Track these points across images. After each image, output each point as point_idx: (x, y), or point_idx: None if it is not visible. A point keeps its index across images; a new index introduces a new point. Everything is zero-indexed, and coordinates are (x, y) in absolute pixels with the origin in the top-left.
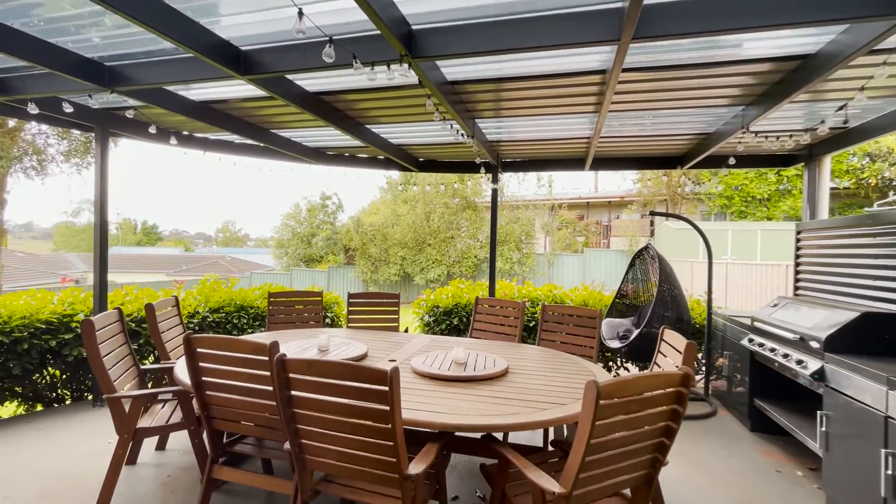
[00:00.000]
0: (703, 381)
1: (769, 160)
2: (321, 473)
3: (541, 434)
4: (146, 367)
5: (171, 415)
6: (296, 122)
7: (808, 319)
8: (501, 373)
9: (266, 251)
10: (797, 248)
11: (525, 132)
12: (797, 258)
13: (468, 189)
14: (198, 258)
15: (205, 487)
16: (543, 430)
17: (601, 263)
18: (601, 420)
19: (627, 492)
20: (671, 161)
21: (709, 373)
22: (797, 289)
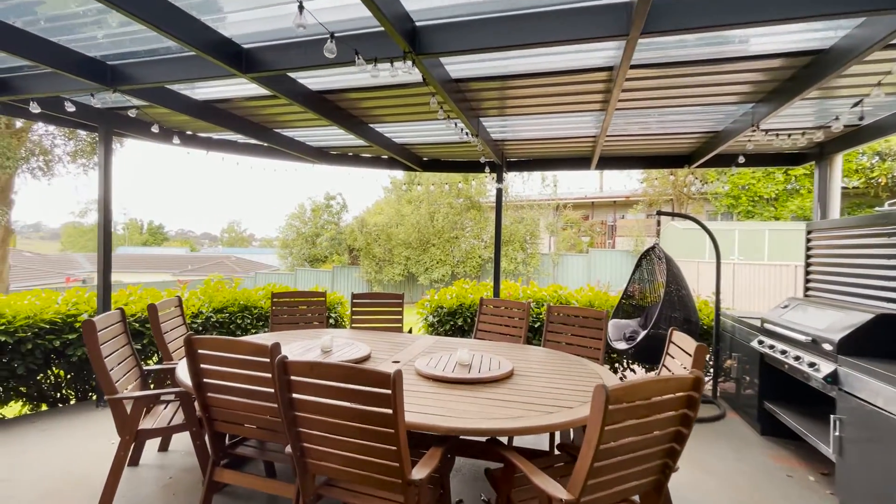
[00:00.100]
0: (712, 383)
1: (779, 159)
2: (323, 477)
3: (546, 436)
4: (148, 368)
5: (174, 416)
6: (299, 122)
7: (821, 321)
8: (506, 375)
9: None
10: (808, 249)
11: (530, 131)
12: (808, 258)
13: (472, 189)
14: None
15: (206, 490)
16: (549, 434)
17: (606, 264)
18: (610, 425)
19: (636, 498)
20: (678, 160)
21: (717, 375)
22: (808, 289)
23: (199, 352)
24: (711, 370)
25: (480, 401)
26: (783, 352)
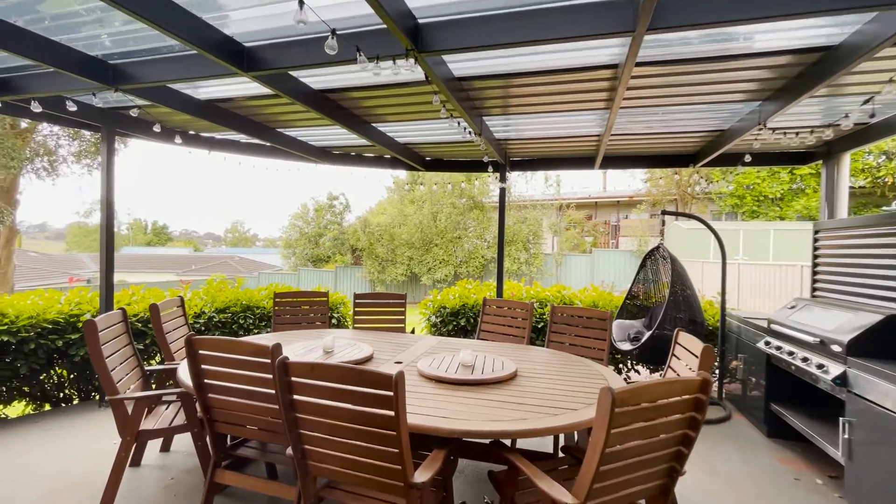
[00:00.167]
0: (717, 385)
1: (786, 158)
2: (325, 480)
3: (550, 438)
4: (150, 368)
5: (175, 416)
6: (301, 121)
7: (829, 322)
8: (510, 376)
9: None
10: (815, 249)
11: (534, 130)
12: (815, 258)
13: (475, 189)
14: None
15: (207, 491)
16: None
17: (610, 264)
18: (616, 428)
19: (642, 502)
20: (683, 159)
21: (723, 376)
22: (815, 290)
23: (200, 352)
24: (717, 371)
25: (484, 402)
26: (790, 353)
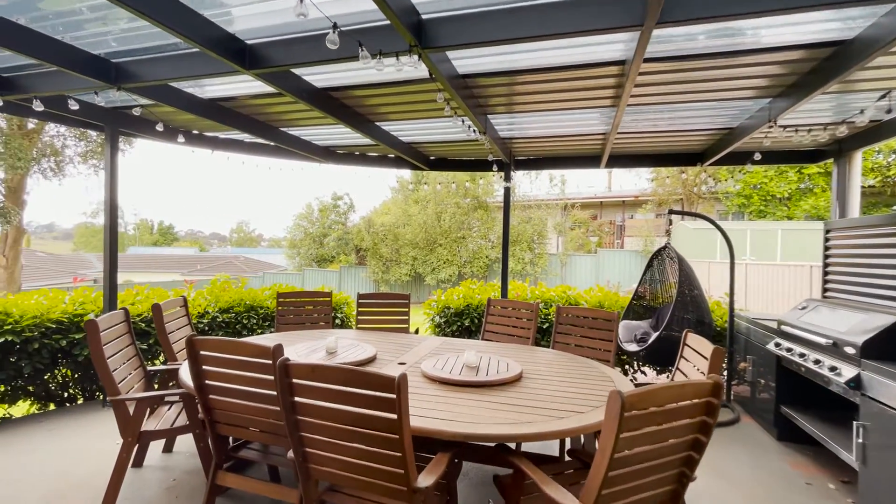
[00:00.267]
0: (726, 386)
1: (795, 156)
2: (326, 483)
3: (556, 441)
4: (153, 369)
5: (177, 417)
6: (305, 120)
7: (842, 323)
8: (515, 378)
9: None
10: (826, 248)
11: (539, 128)
12: (826, 259)
13: (479, 188)
14: (212, 258)
15: (208, 493)
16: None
17: (615, 264)
18: (626, 433)
19: None
20: (691, 158)
21: (731, 377)
22: (826, 290)
23: (201, 353)
24: (725, 373)
25: (489, 405)
26: (802, 355)
